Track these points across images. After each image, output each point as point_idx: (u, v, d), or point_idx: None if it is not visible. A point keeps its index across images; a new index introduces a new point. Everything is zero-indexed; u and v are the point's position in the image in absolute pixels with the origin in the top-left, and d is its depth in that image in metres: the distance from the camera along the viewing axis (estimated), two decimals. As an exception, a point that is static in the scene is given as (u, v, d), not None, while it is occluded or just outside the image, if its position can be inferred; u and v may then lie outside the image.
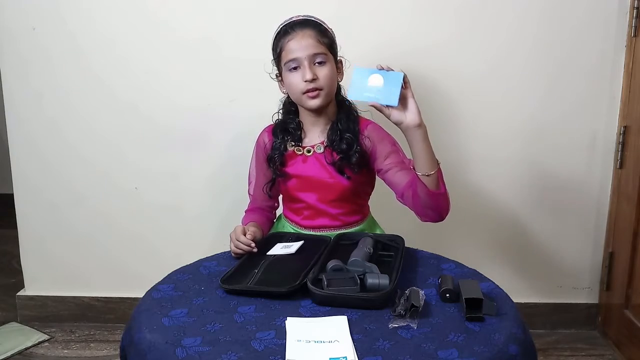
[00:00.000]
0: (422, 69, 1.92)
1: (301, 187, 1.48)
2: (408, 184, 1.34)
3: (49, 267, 2.15)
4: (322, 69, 1.39)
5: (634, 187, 1.89)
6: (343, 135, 1.43)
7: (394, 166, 1.40)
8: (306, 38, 1.38)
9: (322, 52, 1.39)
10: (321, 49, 1.39)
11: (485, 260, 2.05)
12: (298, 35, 1.39)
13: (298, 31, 1.40)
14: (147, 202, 2.07)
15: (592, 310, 2.13)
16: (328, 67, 1.40)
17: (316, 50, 1.38)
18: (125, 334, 1.07)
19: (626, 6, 1.89)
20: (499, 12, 1.90)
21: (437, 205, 1.31)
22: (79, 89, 1.99)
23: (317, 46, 1.39)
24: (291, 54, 1.39)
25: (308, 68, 1.38)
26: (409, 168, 1.33)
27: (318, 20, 1.45)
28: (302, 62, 1.38)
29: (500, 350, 0.94)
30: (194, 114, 1.99)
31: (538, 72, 1.94)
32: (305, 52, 1.38)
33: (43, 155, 2.05)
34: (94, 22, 1.94)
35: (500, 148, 2.00)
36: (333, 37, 1.46)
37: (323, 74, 1.39)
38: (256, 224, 1.47)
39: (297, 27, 1.41)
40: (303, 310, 1.06)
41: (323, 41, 1.40)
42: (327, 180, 1.45)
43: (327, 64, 1.40)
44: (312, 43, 1.38)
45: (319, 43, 1.39)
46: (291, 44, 1.39)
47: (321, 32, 1.41)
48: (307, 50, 1.38)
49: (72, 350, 2.02)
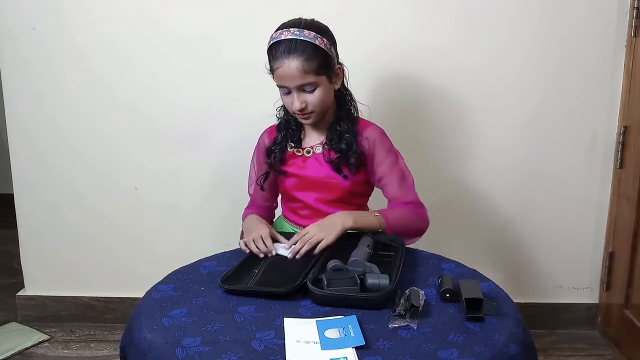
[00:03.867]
0: (421, 70, 1.93)
1: (300, 187, 1.48)
2: (390, 204, 1.47)
3: (49, 267, 2.15)
4: (311, 95, 1.38)
5: (634, 187, 1.89)
6: (342, 135, 1.43)
7: (383, 176, 1.46)
8: (292, 69, 1.33)
9: (309, 82, 1.35)
10: (308, 78, 1.34)
11: (486, 260, 2.05)
12: (284, 65, 1.33)
13: (284, 59, 1.33)
14: (147, 202, 2.07)
15: (592, 310, 2.13)
16: (318, 92, 1.38)
17: (302, 81, 1.35)
18: (125, 334, 1.07)
19: (626, 6, 1.89)
20: (498, 12, 1.90)
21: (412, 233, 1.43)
22: (79, 89, 1.99)
23: (302, 76, 1.34)
24: (280, 80, 1.38)
25: (296, 98, 1.37)
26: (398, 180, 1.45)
27: (307, 37, 1.34)
28: (292, 89, 1.37)
29: (500, 350, 0.94)
30: (194, 114, 1.99)
31: (538, 72, 1.94)
32: (292, 82, 1.35)
33: (43, 155, 2.05)
34: (94, 22, 1.94)
35: (500, 148, 2.00)
36: (326, 51, 1.36)
37: (312, 99, 1.38)
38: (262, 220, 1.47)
39: (284, 54, 1.33)
40: (303, 311, 1.06)
41: (310, 67, 1.33)
42: (325, 180, 1.46)
43: (316, 88, 1.37)
44: (297, 74, 1.33)
45: (305, 73, 1.33)
46: (279, 72, 1.36)
47: (308, 57, 1.33)
48: (293, 81, 1.35)
49: (72, 350, 2.02)
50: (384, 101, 1.91)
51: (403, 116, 1.95)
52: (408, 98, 1.97)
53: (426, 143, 2.00)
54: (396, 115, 1.92)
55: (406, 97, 1.97)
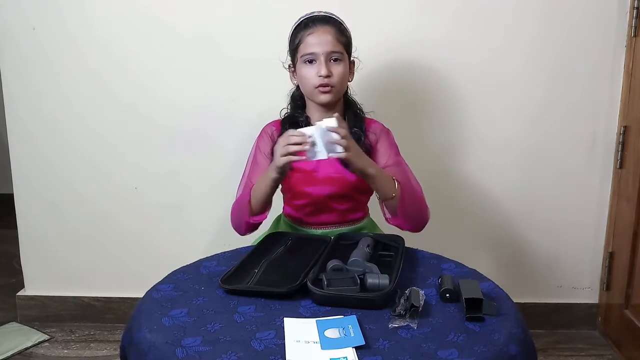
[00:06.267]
0: (420, 71, 1.93)
1: (306, 182, 1.48)
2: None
3: (49, 267, 2.15)
4: (337, 66, 1.42)
5: (634, 187, 1.89)
6: (351, 130, 1.45)
7: (386, 167, 1.45)
8: (326, 34, 1.41)
9: (339, 51, 1.42)
10: (339, 47, 1.42)
11: (486, 260, 2.05)
12: (318, 31, 1.41)
13: (319, 27, 1.42)
14: (147, 202, 2.07)
15: (592, 310, 2.13)
16: (342, 65, 1.43)
17: (334, 48, 1.41)
18: (125, 334, 1.07)
19: (626, 6, 1.89)
20: (498, 12, 1.90)
21: (415, 213, 1.42)
22: (79, 89, 1.99)
23: (335, 44, 1.41)
24: (309, 47, 1.41)
25: (324, 64, 1.40)
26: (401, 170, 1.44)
27: (339, 19, 1.47)
28: (319, 57, 1.40)
29: (500, 350, 0.94)
30: (194, 113, 1.99)
31: (538, 72, 1.94)
32: (323, 48, 1.40)
33: (43, 155, 2.05)
34: (94, 22, 1.94)
35: (500, 148, 2.00)
36: (350, 37, 1.48)
37: (337, 71, 1.42)
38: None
39: (318, 22, 1.43)
40: (303, 310, 1.06)
41: (341, 40, 1.43)
42: (332, 174, 1.47)
43: (342, 62, 1.43)
44: (331, 40, 1.41)
45: (337, 41, 1.42)
46: (310, 38, 1.41)
47: (340, 30, 1.44)
48: (325, 46, 1.40)
49: (72, 350, 2.02)
50: (384, 101, 1.91)
51: (403, 116, 1.95)
52: (407, 98, 1.97)
53: (426, 143, 2.00)
54: (395, 116, 1.92)
55: (405, 97, 1.97)
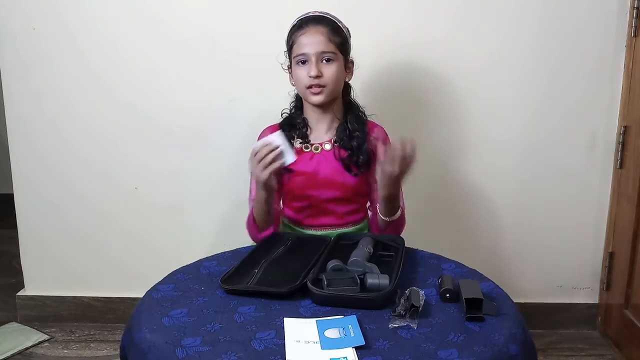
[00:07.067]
0: (419, 71, 1.93)
1: (307, 185, 1.48)
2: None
3: (49, 267, 2.15)
4: (329, 67, 1.41)
5: (634, 187, 1.89)
6: (353, 134, 1.46)
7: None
8: (317, 35, 1.41)
9: (331, 51, 1.41)
10: (330, 47, 1.41)
11: (485, 260, 2.05)
12: (310, 31, 1.41)
13: (311, 27, 1.42)
14: (147, 202, 2.07)
15: (592, 310, 2.13)
16: (335, 66, 1.42)
17: (325, 48, 1.41)
18: (125, 334, 1.07)
19: (626, 6, 1.89)
20: (498, 12, 1.90)
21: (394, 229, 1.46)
22: (79, 89, 1.99)
23: (326, 44, 1.41)
24: (301, 48, 1.42)
25: (314, 64, 1.40)
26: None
27: (334, 18, 1.46)
28: (310, 57, 1.40)
29: (500, 350, 0.94)
30: (194, 113, 1.99)
31: (538, 72, 1.94)
32: (313, 48, 1.40)
33: (43, 155, 2.05)
34: (94, 22, 1.94)
35: (500, 148, 2.00)
36: (347, 36, 1.47)
37: (328, 71, 1.41)
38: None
39: (311, 22, 1.43)
40: (303, 311, 1.06)
41: (334, 40, 1.42)
42: (333, 177, 1.47)
43: (334, 62, 1.42)
44: (322, 40, 1.41)
45: (329, 41, 1.41)
46: (302, 38, 1.42)
47: (334, 30, 1.43)
48: (316, 46, 1.40)
49: (72, 350, 2.02)
50: (384, 102, 1.91)
51: (403, 117, 1.95)
52: (407, 99, 1.97)
53: (426, 144, 2.00)
54: (396, 116, 1.92)
55: (405, 98, 1.97)
